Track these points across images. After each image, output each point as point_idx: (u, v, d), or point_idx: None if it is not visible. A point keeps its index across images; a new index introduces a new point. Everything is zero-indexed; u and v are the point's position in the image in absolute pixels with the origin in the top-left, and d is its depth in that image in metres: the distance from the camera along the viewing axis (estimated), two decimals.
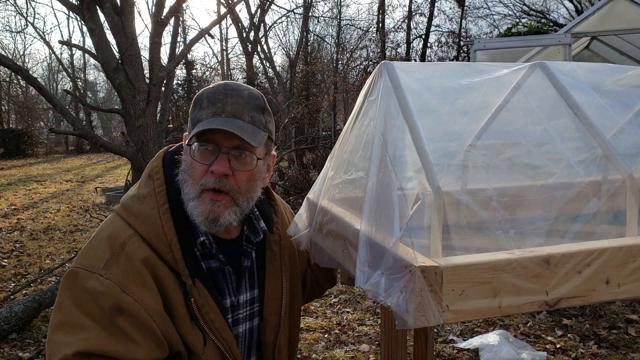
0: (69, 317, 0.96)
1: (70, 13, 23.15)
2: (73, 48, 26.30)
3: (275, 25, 22.98)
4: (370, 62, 17.61)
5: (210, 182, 1.06)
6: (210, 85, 1.14)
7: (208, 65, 24.19)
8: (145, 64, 5.73)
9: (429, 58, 17.79)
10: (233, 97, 1.09)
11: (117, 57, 5.23)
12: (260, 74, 21.32)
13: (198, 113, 1.09)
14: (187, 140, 1.10)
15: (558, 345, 3.22)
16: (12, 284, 4.74)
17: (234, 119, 1.07)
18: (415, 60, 17.79)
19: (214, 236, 1.13)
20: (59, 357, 0.94)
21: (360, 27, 21.05)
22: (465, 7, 17.52)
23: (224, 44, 24.32)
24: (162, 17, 5.41)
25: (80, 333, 0.94)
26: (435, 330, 3.25)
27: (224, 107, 1.07)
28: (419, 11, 18.62)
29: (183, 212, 1.09)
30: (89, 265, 1.00)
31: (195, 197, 1.07)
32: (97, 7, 5.11)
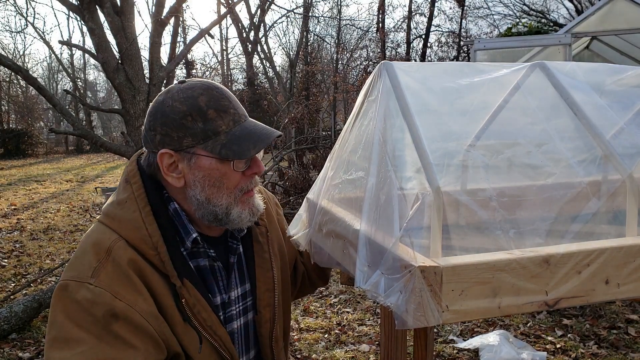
0: (62, 332, 0.94)
1: (70, 13, 23.18)
2: (73, 48, 26.33)
3: (275, 25, 23.05)
4: (370, 62, 17.58)
5: (250, 184, 1.10)
6: (194, 95, 1.04)
7: (208, 65, 24.19)
8: (145, 64, 5.73)
9: (429, 58, 17.77)
10: (232, 98, 1.09)
11: (117, 57, 5.23)
12: (260, 74, 21.34)
13: (208, 124, 1.03)
14: (225, 160, 1.04)
15: (558, 346, 3.22)
16: (12, 284, 4.74)
17: (254, 122, 1.10)
18: (415, 60, 17.78)
19: (200, 234, 1.12)
20: None
21: (360, 27, 21.10)
22: (465, 7, 17.48)
23: (224, 44, 24.38)
24: (162, 17, 5.41)
25: (75, 347, 0.92)
26: (435, 330, 3.25)
27: (237, 111, 1.07)
28: (419, 11, 18.59)
29: (165, 212, 1.07)
30: (76, 276, 0.98)
31: (234, 203, 1.08)
32: (97, 7, 5.11)
